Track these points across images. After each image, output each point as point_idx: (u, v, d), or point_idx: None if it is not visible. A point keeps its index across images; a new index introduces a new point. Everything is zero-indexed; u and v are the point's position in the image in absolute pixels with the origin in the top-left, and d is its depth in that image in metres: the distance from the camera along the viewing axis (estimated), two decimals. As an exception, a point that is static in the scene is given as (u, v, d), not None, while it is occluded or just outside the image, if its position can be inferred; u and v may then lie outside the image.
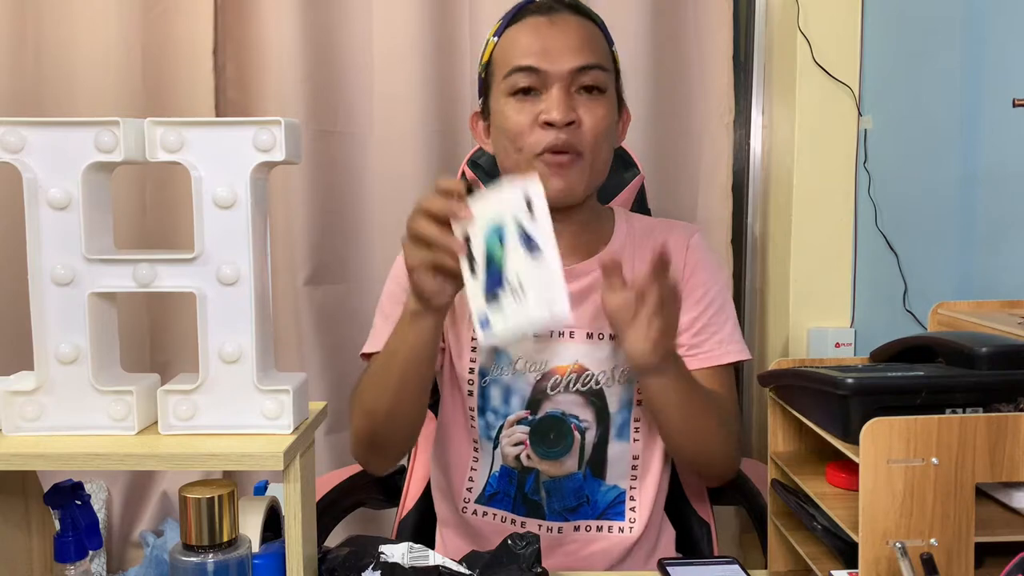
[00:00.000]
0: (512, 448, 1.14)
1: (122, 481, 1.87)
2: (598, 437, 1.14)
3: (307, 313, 1.87)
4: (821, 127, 1.80)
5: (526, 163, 1.07)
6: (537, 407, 1.14)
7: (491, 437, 1.15)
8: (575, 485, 1.14)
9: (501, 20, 1.13)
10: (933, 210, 1.59)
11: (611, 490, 1.16)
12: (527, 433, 1.13)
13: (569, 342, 1.14)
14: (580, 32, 1.09)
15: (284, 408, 0.75)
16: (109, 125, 0.71)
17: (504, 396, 1.14)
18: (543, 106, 1.06)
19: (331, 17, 1.85)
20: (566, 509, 1.15)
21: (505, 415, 1.14)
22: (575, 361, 1.13)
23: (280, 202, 1.85)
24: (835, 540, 0.82)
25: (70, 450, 0.72)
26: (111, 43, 1.77)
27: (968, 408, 0.78)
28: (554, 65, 1.06)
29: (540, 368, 1.13)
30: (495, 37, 1.12)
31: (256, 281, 0.74)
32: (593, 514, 1.15)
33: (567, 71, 1.06)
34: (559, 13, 1.09)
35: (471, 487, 1.18)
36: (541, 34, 1.07)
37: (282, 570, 0.76)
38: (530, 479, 1.15)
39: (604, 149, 1.10)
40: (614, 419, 1.14)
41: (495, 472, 1.16)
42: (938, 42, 1.57)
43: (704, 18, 1.88)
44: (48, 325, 0.73)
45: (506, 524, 1.16)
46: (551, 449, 1.13)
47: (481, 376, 1.15)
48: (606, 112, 1.08)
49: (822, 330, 1.83)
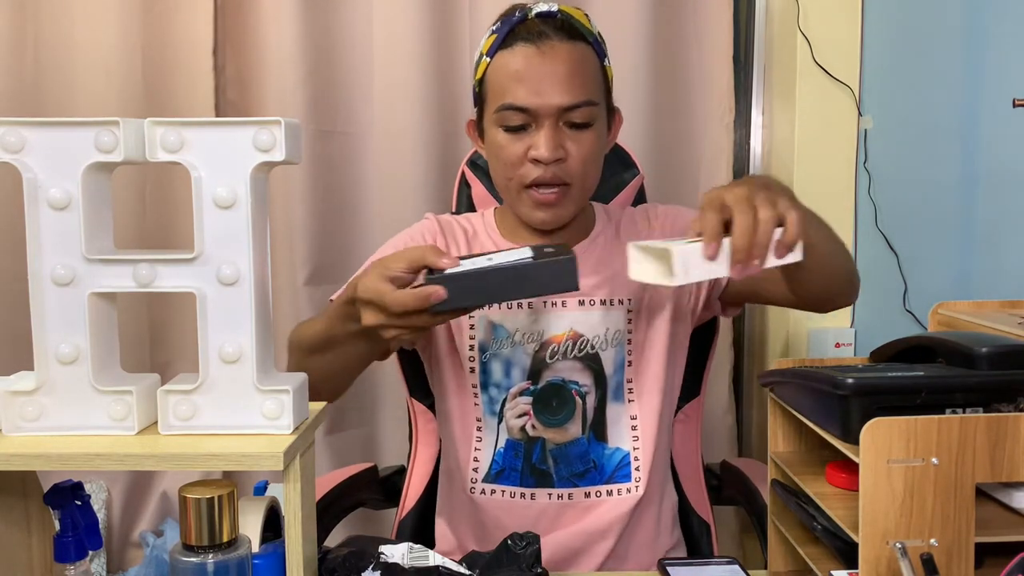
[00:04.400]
0: (517, 420, 1.18)
1: (122, 481, 1.87)
2: (597, 400, 1.19)
3: (307, 313, 1.87)
4: (821, 127, 1.80)
5: (516, 192, 1.14)
6: (538, 377, 1.18)
7: (495, 412, 1.19)
8: (580, 450, 1.18)
9: (494, 34, 1.13)
10: (933, 210, 1.59)
11: (615, 452, 1.19)
12: (530, 403, 1.17)
13: (562, 311, 1.18)
14: (570, 63, 1.09)
15: (284, 408, 0.74)
16: (109, 125, 0.71)
17: (505, 369, 1.18)
18: (532, 141, 1.10)
19: (331, 17, 1.85)
20: (574, 475, 1.18)
21: (508, 388, 1.18)
22: (569, 328, 1.18)
23: (280, 202, 1.85)
24: (835, 540, 0.82)
25: (70, 450, 0.72)
26: (111, 43, 1.77)
27: (968, 408, 0.78)
28: (543, 103, 1.08)
29: (538, 339, 1.17)
30: (488, 56, 1.13)
31: (256, 281, 0.74)
32: (601, 479, 1.19)
33: (556, 110, 1.08)
34: (548, 41, 1.09)
35: (476, 467, 1.20)
36: (531, 66, 1.09)
37: (282, 570, 0.76)
38: (536, 448, 1.18)
39: (591, 174, 1.15)
40: (610, 381, 1.19)
41: (500, 448, 1.19)
42: (938, 42, 1.58)
43: (704, 18, 1.88)
44: (48, 325, 0.73)
45: (515, 500, 1.18)
46: (554, 416, 1.17)
47: (482, 352, 1.18)
48: (593, 142, 1.12)
49: (822, 330, 1.84)
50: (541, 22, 1.11)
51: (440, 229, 1.23)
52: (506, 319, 1.18)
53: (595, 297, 1.18)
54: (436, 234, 1.23)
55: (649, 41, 1.85)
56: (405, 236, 1.25)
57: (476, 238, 1.24)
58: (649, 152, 1.84)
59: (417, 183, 1.85)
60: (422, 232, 1.24)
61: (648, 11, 1.84)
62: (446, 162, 1.84)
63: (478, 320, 1.18)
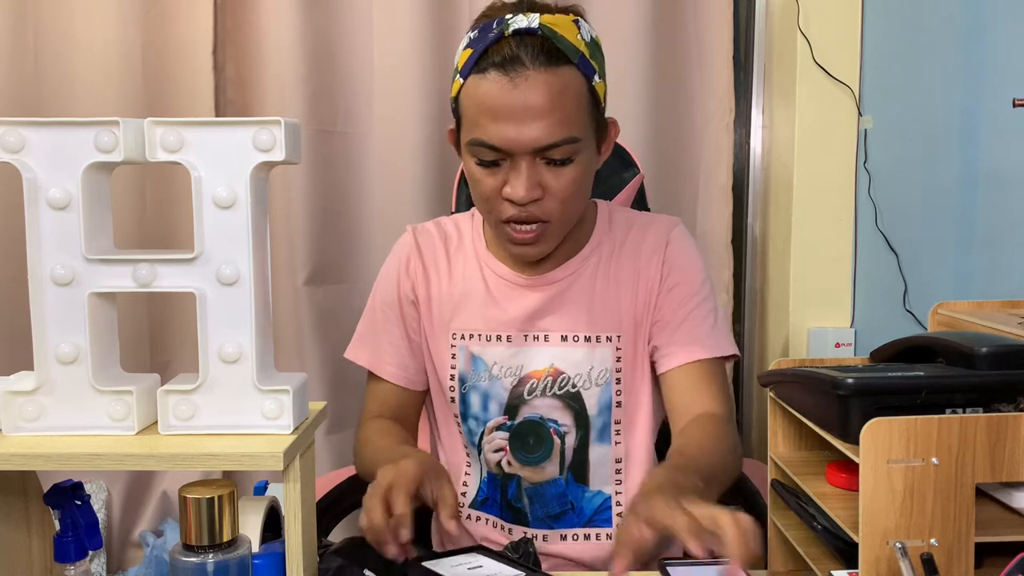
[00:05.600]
0: (493, 455, 1.14)
1: (122, 481, 1.87)
2: (578, 441, 1.13)
3: (307, 313, 1.87)
4: (821, 127, 1.80)
5: (494, 224, 1.06)
6: (515, 412, 1.13)
7: (475, 443, 1.16)
8: (557, 491, 1.13)
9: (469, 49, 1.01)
10: (933, 210, 1.59)
11: (596, 496, 1.14)
12: (506, 439, 1.13)
13: (544, 345, 1.13)
14: (548, 96, 0.97)
15: (284, 408, 0.74)
16: (109, 125, 0.71)
17: (483, 402, 1.14)
18: (507, 177, 1.01)
19: (331, 17, 1.85)
20: (549, 516, 1.14)
21: (485, 421, 1.14)
22: (550, 364, 1.12)
23: (280, 202, 1.85)
24: (835, 540, 0.82)
25: (70, 450, 0.72)
26: (111, 43, 1.77)
27: (968, 408, 0.78)
28: (517, 142, 0.98)
29: (516, 373, 1.13)
30: (460, 77, 1.02)
31: (256, 281, 0.74)
32: (579, 522, 1.14)
33: (530, 150, 0.99)
34: (523, 71, 0.97)
35: (465, 491, 1.18)
36: (504, 101, 0.97)
37: (282, 570, 0.76)
38: (512, 485, 1.14)
39: (573, 208, 1.05)
40: (594, 422, 1.13)
41: (484, 478, 1.16)
42: (938, 42, 1.57)
43: (704, 18, 1.88)
44: (48, 325, 0.73)
45: (496, 530, 1.16)
46: (530, 455, 1.13)
47: (461, 383, 1.15)
48: (574, 178, 1.02)
49: (822, 330, 1.83)
50: (518, 43, 0.97)
51: (416, 245, 1.18)
52: (485, 351, 1.13)
53: (578, 333, 1.12)
54: (410, 255, 1.18)
55: (649, 41, 1.85)
56: (391, 262, 1.20)
57: (460, 248, 1.18)
58: (649, 152, 1.84)
59: (417, 183, 1.85)
60: (398, 258, 1.19)
61: (648, 11, 1.84)
62: (446, 162, 1.84)
63: (459, 350, 1.15)
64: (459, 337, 1.15)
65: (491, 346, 1.13)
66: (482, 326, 1.14)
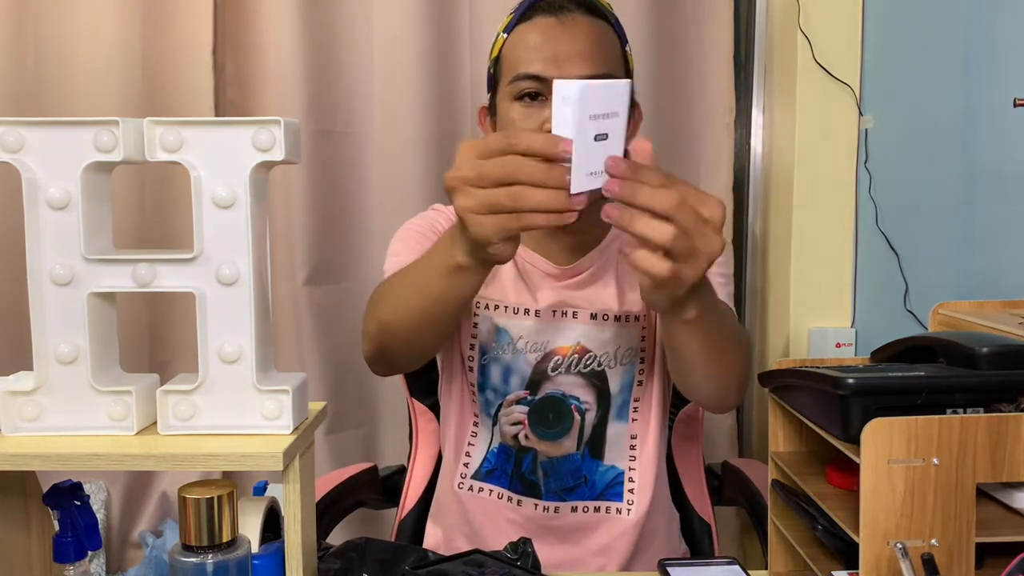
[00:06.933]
0: (510, 428, 1.15)
1: (122, 481, 1.87)
2: (598, 418, 1.14)
3: (307, 313, 1.87)
4: (821, 127, 1.80)
5: None
6: (537, 388, 1.14)
7: (491, 414, 1.16)
8: (573, 466, 1.15)
9: (512, 13, 1.11)
10: (934, 210, 1.58)
11: (609, 470, 1.16)
12: (525, 413, 1.14)
13: (573, 322, 1.13)
14: (591, 35, 1.06)
15: (284, 408, 0.74)
16: (108, 125, 0.71)
17: (503, 375, 1.15)
18: (548, 114, 0.99)
19: (331, 17, 1.85)
20: (563, 489, 1.15)
21: (504, 394, 1.15)
22: (577, 342, 1.13)
23: (280, 202, 1.85)
24: (835, 540, 0.82)
25: (69, 450, 0.72)
26: (111, 43, 1.77)
27: (969, 408, 0.78)
28: (561, 73, 1.02)
29: (541, 348, 1.13)
30: (505, 33, 1.10)
31: (256, 281, 0.74)
32: (591, 495, 1.16)
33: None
34: (570, 13, 1.06)
35: (468, 462, 1.18)
36: (550, 37, 1.05)
37: (282, 570, 0.76)
38: (527, 458, 1.15)
39: None
40: (615, 400, 1.14)
41: (493, 448, 1.17)
42: (938, 42, 1.57)
43: (704, 18, 1.88)
44: (47, 325, 0.73)
45: (502, 501, 1.16)
46: (549, 430, 1.14)
47: (481, 354, 1.15)
48: None
49: (822, 330, 1.83)
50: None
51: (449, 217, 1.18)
52: (511, 323, 1.14)
53: (608, 311, 1.13)
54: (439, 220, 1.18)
55: (649, 41, 1.85)
56: (419, 221, 1.19)
57: None
58: (649, 152, 1.84)
59: (417, 183, 1.85)
60: (425, 218, 1.19)
61: (648, 11, 1.84)
62: (446, 162, 1.84)
63: (481, 319, 1.15)
64: (483, 307, 1.15)
65: (518, 319, 1.14)
66: (512, 298, 1.14)
